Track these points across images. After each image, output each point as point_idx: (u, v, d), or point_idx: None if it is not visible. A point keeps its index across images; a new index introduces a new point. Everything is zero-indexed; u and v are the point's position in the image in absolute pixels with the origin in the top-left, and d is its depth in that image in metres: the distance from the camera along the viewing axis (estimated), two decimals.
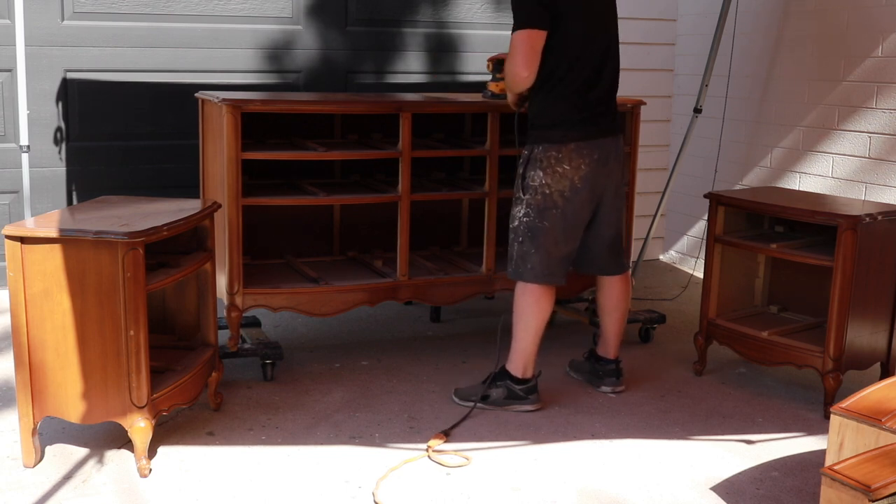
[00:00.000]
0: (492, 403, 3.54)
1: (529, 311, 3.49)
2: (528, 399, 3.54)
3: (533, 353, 3.53)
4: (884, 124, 4.50)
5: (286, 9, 5.06)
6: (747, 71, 5.26)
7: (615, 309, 3.72)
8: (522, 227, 3.48)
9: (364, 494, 2.89)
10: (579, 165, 3.42)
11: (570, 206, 3.45)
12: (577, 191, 3.44)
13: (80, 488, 2.87)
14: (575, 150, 3.41)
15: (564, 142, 3.40)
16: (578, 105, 3.44)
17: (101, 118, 4.84)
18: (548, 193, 3.43)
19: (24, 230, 2.85)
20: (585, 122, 3.45)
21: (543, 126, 3.45)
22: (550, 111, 3.45)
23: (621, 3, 5.64)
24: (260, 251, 4.15)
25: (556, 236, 3.47)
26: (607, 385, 3.75)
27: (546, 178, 3.42)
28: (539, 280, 3.48)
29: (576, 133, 3.41)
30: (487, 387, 3.55)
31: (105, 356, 2.88)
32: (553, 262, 3.48)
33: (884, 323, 3.69)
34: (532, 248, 3.47)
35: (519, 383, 3.53)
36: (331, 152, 3.86)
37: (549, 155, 3.41)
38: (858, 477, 2.21)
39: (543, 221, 3.45)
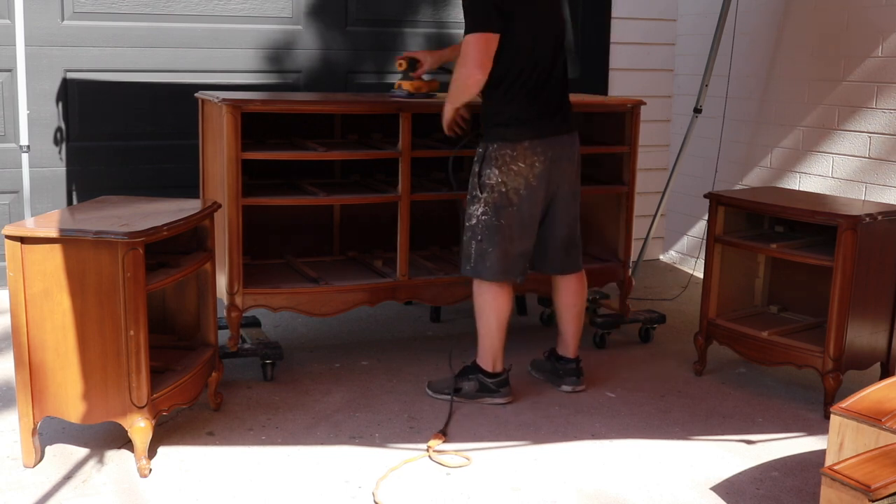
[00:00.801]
0: (464, 396, 3.60)
1: (488, 309, 3.55)
2: (500, 392, 3.60)
3: (499, 347, 3.59)
4: (884, 124, 4.50)
5: (286, 9, 5.06)
6: (747, 71, 5.26)
7: (571, 307, 3.75)
8: (481, 226, 3.50)
9: (364, 494, 2.89)
10: (533, 163, 3.46)
11: (525, 203, 3.48)
12: (532, 188, 3.48)
13: (80, 488, 2.87)
14: (529, 147, 3.45)
15: (518, 140, 3.44)
16: (531, 104, 3.47)
17: (101, 118, 4.84)
18: (504, 192, 3.46)
19: (24, 230, 2.85)
20: (538, 121, 3.48)
21: (498, 125, 3.48)
22: (505, 110, 3.47)
23: (622, 4, 5.72)
24: (260, 251, 4.15)
25: (513, 234, 3.50)
26: (567, 384, 3.75)
27: (501, 175, 3.45)
28: (497, 278, 3.52)
29: (529, 131, 3.45)
30: (460, 380, 3.61)
31: (105, 356, 2.88)
32: (510, 259, 3.52)
33: (884, 323, 3.70)
34: (490, 247, 3.50)
35: (490, 377, 3.60)
36: (331, 152, 3.86)
37: (504, 153, 3.44)
38: (858, 477, 2.21)
39: (500, 219, 3.48)
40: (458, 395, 3.60)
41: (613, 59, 5.71)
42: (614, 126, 4.34)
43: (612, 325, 4.34)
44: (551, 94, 3.52)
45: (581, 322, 3.79)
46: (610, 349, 4.31)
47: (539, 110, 3.49)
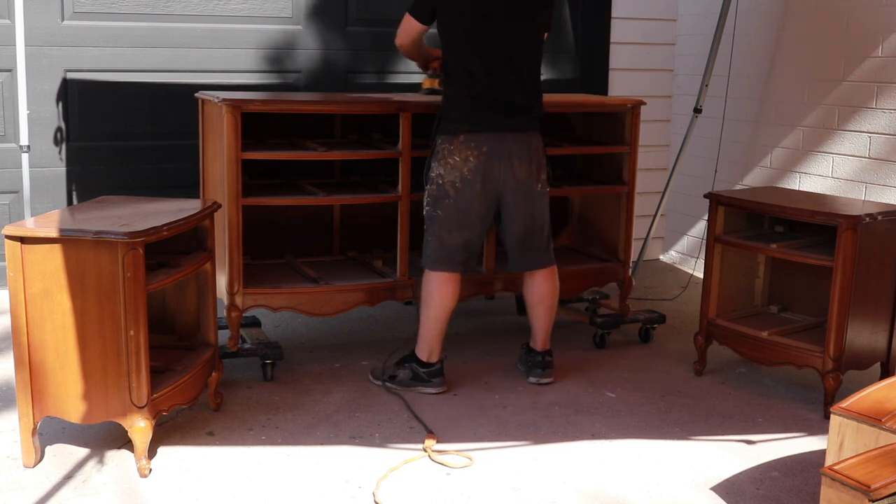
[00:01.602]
0: (398, 384, 3.68)
1: (430, 298, 3.63)
2: (432, 382, 3.66)
3: (437, 338, 3.65)
4: (884, 124, 4.50)
5: (286, 9, 5.06)
6: (747, 71, 5.26)
7: (539, 303, 3.79)
8: (426, 217, 3.65)
9: (364, 494, 2.89)
10: (467, 157, 3.53)
11: (461, 196, 3.56)
12: (467, 182, 3.54)
13: (80, 488, 2.87)
14: (464, 141, 3.53)
15: (456, 133, 3.54)
16: (475, 99, 3.54)
17: (101, 118, 4.84)
18: (441, 184, 3.57)
19: (24, 230, 2.85)
20: (478, 115, 3.54)
21: (443, 118, 3.60)
22: (450, 104, 3.59)
23: (622, 4, 5.72)
24: (260, 251, 4.15)
25: (450, 225, 3.58)
26: (534, 376, 3.81)
27: (440, 168, 3.57)
28: (431, 266, 3.61)
29: (466, 125, 3.53)
30: (396, 367, 3.70)
31: (105, 356, 2.88)
32: (446, 250, 3.59)
33: (884, 323, 3.70)
34: (429, 236, 3.63)
35: (423, 366, 3.66)
36: (331, 152, 3.86)
37: (444, 147, 3.56)
38: (858, 477, 2.21)
39: (438, 210, 3.59)
40: (392, 383, 3.69)
41: (613, 59, 5.71)
42: (614, 126, 4.34)
43: (612, 325, 4.34)
44: (503, 91, 3.55)
45: (551, 316, 3.82)
46: (610, 349, 4.31)
47: (482, 106, 3.54)
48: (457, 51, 3.56)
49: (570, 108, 4.56)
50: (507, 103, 3.57)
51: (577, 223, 4.73)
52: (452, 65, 3.57)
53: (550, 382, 3.81)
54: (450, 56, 3.59)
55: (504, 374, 3.91)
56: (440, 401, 3.62)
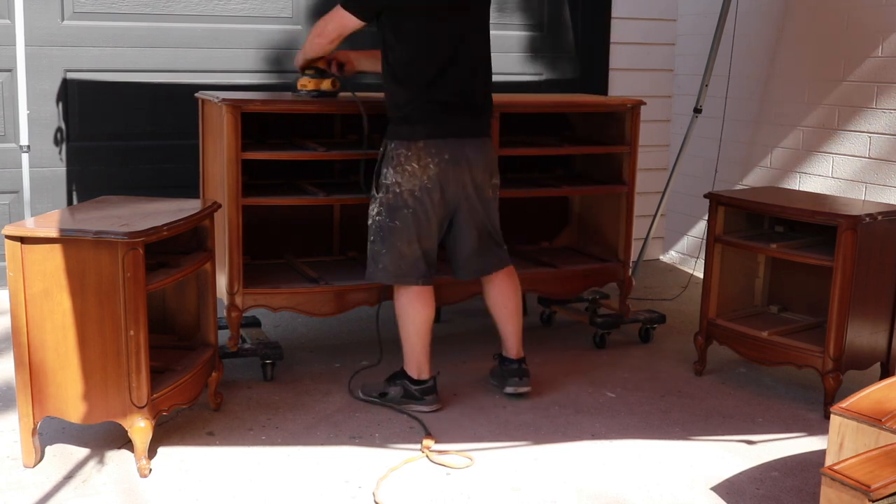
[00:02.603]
0: (390, 401, 3.53)
1: (405, 314, 3.47)
2: (425, 400, 3.50)
3: (422, 353, 3.49)
4: (884, 124, 4.50)
5: (286, 9, 5.06)
6: (747, 71, 5.26)
7: (504, 306, 3.64)
8: (375, 226, 3.45)
9: (364, 494, 2.89)
10: (428, 164, 3.34)
11: (420, 205, 3.37)
12: (427, 190, 3.36)
13: (80, 488, 2.87)
14: (423, 148, 3.33)
15: (413, 139, 3.33)
16: (428, 101, 3.34)
17: (101, 118, 4.84)
18: (398, 192, 3.36)
19: (24, 230, 2.85)
20: (435, 119, 3.35)
21: (394, 120, 3.39)
22: (401, 106, 3.37)
23: (622, 4, 5.72)
24: (260, 251, 4.15)
25: (409, 236, 3.40)
26: (510, 385, 3.62)
27: (396, 176, 3.36)
28: (390, 280, 3.45)
29: (424, 130, 3.33)
30: (387, 384, 3.57)
31: (105, 356, 2.88)
32: (406, 262, 3.42)
33: (884, 323, 3.69)
34: (383, 248, 3.42)
35: (415, 384, 3.50)
36: (331, 152, 3.86)
37: (399, 152, 3.35)
38: (858, 477, 2.21)
39: (395, 221, 3.39)
40: (384, 400, 3.53)
41: (613, 59, 5.71)
42: (614, 126, 4.34)
43: (612, 325, 4.34)
44: (457, 93, 3.37)
45: (518, 319, 3.66)
46: (610, 349, 4.31)
47: (436, 109, 3.35)
48: (404, 49, 3.33)
49: (570, 108, 4.56)
50: (465, 104, 3.41)
51: (577, 223, 4.73)
52: (399, 65, 3.34)
53: (528, 392, 3.63)
54: (395, 56, 3.35)
55: None
56: (440, 401, 3.62)
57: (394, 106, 3.40)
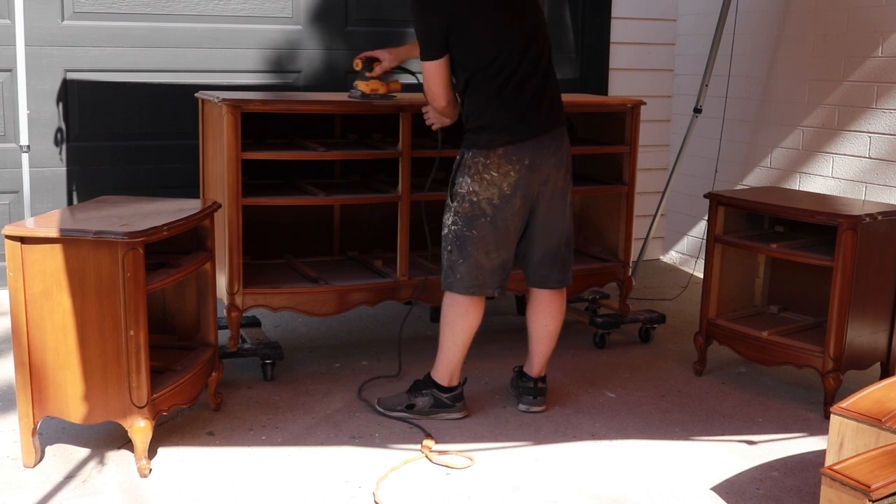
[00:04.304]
0: (418, 412, 3.44)
1: (457, 323, 3.39)
2: (455, 407, 3.45)
3: (459, 362, 3.43)
4: (884, 124, 4.50)
5: (286, 9, 5.06)
6: (747, 71, 5.26)
7: (543, 326, 3.53)
8: (451, 236, 3.35)
9: (364, 494, 2.89)
10: (508, 172, 3.26)
11: (500, 214, 3.29)
12: (506, 198, 3.28)
13: (80, 488, 2.87)
14: (503, 155, 3.26)
15: (492, 147, 3.26)
16: (503, 108, 3.28)
17: (101, 118, 4.84)
18: (475, 201, 3.28)
19: (24, 230, 2.85)
20: (513, 124, 3.27)
21: (471, 130, 3.31)
22: (477, 114, 3.30)
23: (622, 4, 5.72)
24: (260, 251, 4.15)
25: (487, 246, 3.32)
26: (524, 404, 3.55)
27: (473, 185, 3.28)
28: (468, 291, 3.35)
29: (503, 137, 3.26)
30: (412, 395, 3.47)
31: (105, 356, 2.88)
32: (484, 272, 3.34)
33: (884, 323, 3.69)
34: (460, 259, 3.33)
35: (445, 392, 3.44)
36: (331, 152, 3.86)
37: (477, 161, 3.27)
38: (858, 477, 2.21)
39: (472, 230, 3.30)
40: (412, 412, 3.44)
41: (613, 59, 5.71)
42: (614, 126, 4.34)
43: (612, 325, 4.34)
44: (526, 94, 3.29)
45: (553, 343, 3.56)
46: (610, 349, 4.31)
47: (512, 114, 3.28)
48: (477, 62, 3.25)
49: (570, 108, 4.53)
50: (538, 104, 3.32)
51: (577, 223, 4.73)
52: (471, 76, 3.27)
53: (543, 411, 3.55)
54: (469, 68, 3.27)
55: (504, 374, 3.90)
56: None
57: (469, 115, 3.33)
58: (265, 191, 3.89)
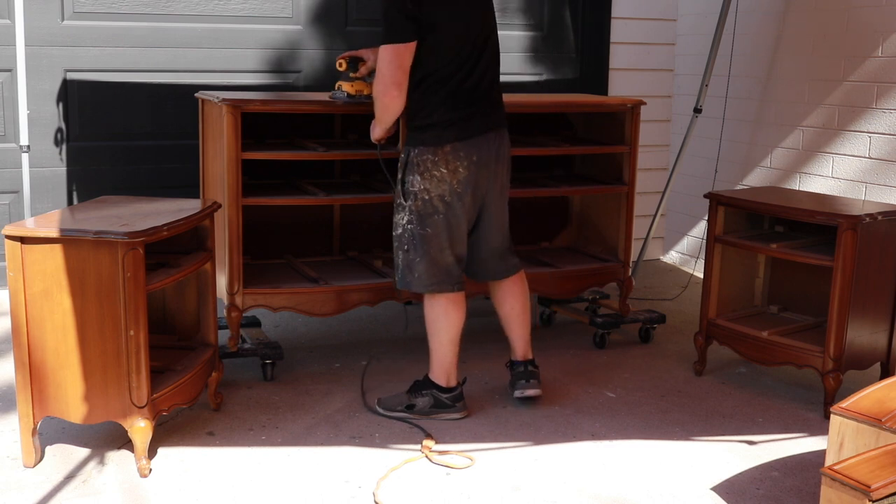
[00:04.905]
0: (418, 413, 3.44)
1: (440, 323, 3.41)
2: (455, 407, 3.46)
3: (452, 362, 3.44)
4: (884, 124, 4.50)
5: (286, 9, 5.06)
6: (747, 71, 5.26)
7: (511, 308, 3.60)
8: (407, 235, 3.36)
9: (364, 494, 2.89)
10: (457, 168, 3.29)
11: (451, 210, 3.33)
12: (458, 195, 3.32)
13: (80, 488, 2.87)
14: (451, 152, 3.28)
15: (440, 144, 3.27)
16: (454, 105, 3.29)
17: (101, 118, 4.84)
18: (427, 199, 3.30)
19: (24, 230, 2.85)
20: (461, 122, 3.30)
21: (418, 128, 3.32)
22: (425, 112, 3.30)
23: (622, 4, 5.72)
24: (260, 251, 4.15)
25: (441, 243, 3.35)
26: (518, 389, 3.57)
27: (424, 182, 3.29)
28: (427, 289, 3.38)
29: (451, 134, 3.28)
30: (412, 396, 3.47)
31: (105, 356, 2.88)
32: (441, 269, 3.36)
33: (884, 323, 3.69)
34: (418, 257, 3.35)
35: (444, 392, 3.45)
36: (331, 152, 3.86)
37: (425, 158, 3.28)
38: (858, 477, 2.21)
39: (426, 228, 3.32)
40: (411, 412, 3.45)
41: (613, 59, 5.71)
42: (614, 126, 4.34)
43: (612, 325, 4.34)
44: (476, 93, 3.33)
45: (527, 323, 3.62)
46: (610, 349, 4.31)
47: (461, 112, 3.30)
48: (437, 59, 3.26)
49: (570, 108, 4.56)
50: (485, 102, 3.36)
51: (577, 223, 4.73)
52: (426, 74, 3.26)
53: (538, 395, 3.57)
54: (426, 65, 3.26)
55: (504, 373, 3.90)
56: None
57: (416, 113, 3.33)
58: (265, 191, 3.89)
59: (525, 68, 5.56)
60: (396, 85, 3.23)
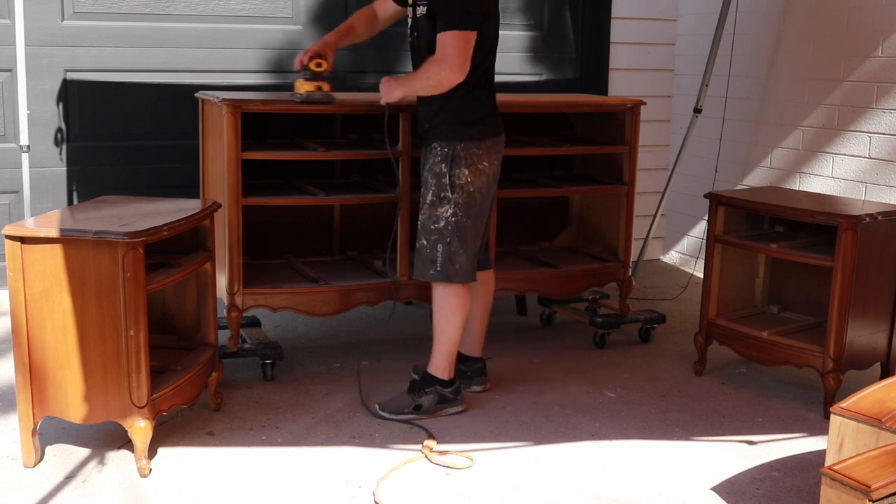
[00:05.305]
0: (426, 412, 3.45)
1: (457, 313, 3.45)
2: (457, 400, 3.50)
3: (455, 353, 3.51)
4: (884, 125, 4.50)
5: (286, 9, 5.06)
6: (747, 71, 5.26)
7: (483, 305, 3.70)
8: (451, 227, 3.40)
9: (364, 494, 2.89)
10: (493, 161, 3.45)
11: (485, 202, 3.48)
12: (489, 187, 3.48)
13: (80, 488, 2.87)
14: (492, 146, 3.43)
15: (483, 138, 3.40)
16: (490, 101, 3.46)
17: (101, 118, 4.84)
18: (472, 191, 3.41)
19: (24, 230, 2.85)
20: (496, 118, 3.48)
21: (465, 122, 3.38)
22: (471, 108, 3.39)
23: (622, 4, 5.72)
24: (260, 251, 4.15)
25: (476, 233, 3.48)
26: (477, 384, 3.69)
27: (471, 175, 3.39)
28: (467, 279, 3.45)
29: (490, 129, 3.43)
30: (416, 396, 3.47)
31: (105, 356, 2.88)
32: (473, 259, 3.48)
33: (884, 323, 3.70)
34: (461, 248, 3.41)
35: (447, 386, 3.48)
36: (331, 152, 3.86)
37: (472, 152, 3.39)
38: (858, 477, 2.21)
39: (469, 220, 3.42)
40: (420, 413, 3.44)
41: (613, 59, 5.71)
42: (614, 126, 4.34)
43: (612, 325, 4.34)
44: (494, 93, 3.50)
45: (488, 319, 3.75)
46: (610, 349, 4.31)
47: (492, 108, 3.47)
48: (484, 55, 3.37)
49: (570, 108, 4.56)
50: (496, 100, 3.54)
51: (577, 223, 4.73)
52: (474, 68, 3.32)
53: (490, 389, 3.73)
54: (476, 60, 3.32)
55: (504, 373, 3.91)
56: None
57: (462, 108, 3.38)
58: (265, 191, 3.89)
59: (525, 68, 5.56)
60: (463, 71, 3.27)
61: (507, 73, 5.45)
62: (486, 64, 3.41)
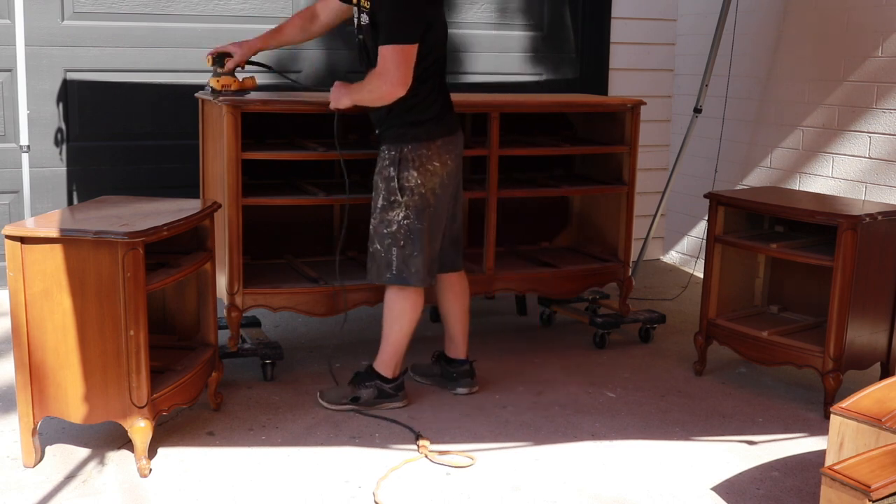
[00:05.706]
0: (363, 404, 3.51)
1: (407, 316, 3.49)
2: (398, 396, 3.54)
3: (404, 354, 3.54)
4: (884, 124, 4.50)
5: (286, 9, 5.06)
6: (747, 71, 5.26)
7: (459, 305, 3.70)
8: (403, 231, 3.41)
9: (364, 494, 2.89)
10: (446, 161, 3.42)
11: (440, 203, 3.45)
12: (444, 187, 3.44)
13: (80, 488, 2.87)
14: (443, 145, 3.41)
15: (432, 139, 3.39)
16: (439, 102, 3.44)
17: (101, 118, 4.84)
18: (423, 193, 3.39)
19: (24, 230, 2.85)
20: (447, 118, 3.46)
21: (411, 124, 3.38)
22: (418, 110, 3.38)
23: (622, 4, 5.72)
24: (260, 251, 4.15)
25: (432, 236, 3.45)
26: (463, 386, 3.70)
27: (420, 177, 3.38)
28: (423, 283, 3.46)
29: (441, 129, 3.41)
30: (356, 388, 3.53)
31: (105, 356, 2.88)
32: (430, 262, 3.46)
33: (884, 323, 3.69)
34: (415, 251, 3.42)
35: (388, 382, 3.53)
36: (331, 152, 3.86)
37: (420, 153, 3.38)
38: (858, 477, 2.21)
39: (422, 222, 3.41)
40: (356, 404, 3.50)
41: (613, 59, 5.71)
42: (614, 126, 4.34)
43: (612, 325, 4.34)
44: (446, 92, 3.50)
45: (468, 320, 3.74)
46: (610, 349, 4.31)
47: (446, 109, 3.47)
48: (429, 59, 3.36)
49: (570, 108, 4.56)
50: (451, 104, 3.53)
51: (577, 223, 4.73)
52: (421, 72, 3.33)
53: (477, 391, 3.71)
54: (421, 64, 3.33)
55: (504, 373, 3.91)
56: (441, 401, 3.62)
57: (408, 110, 3.38)
58: (265, 191, 3.89)
59: (525, 68, 5.56)
60: (404, 85, 3.28)
61: (507, 73, 5.46)
62: (435, 68, 3.40)
